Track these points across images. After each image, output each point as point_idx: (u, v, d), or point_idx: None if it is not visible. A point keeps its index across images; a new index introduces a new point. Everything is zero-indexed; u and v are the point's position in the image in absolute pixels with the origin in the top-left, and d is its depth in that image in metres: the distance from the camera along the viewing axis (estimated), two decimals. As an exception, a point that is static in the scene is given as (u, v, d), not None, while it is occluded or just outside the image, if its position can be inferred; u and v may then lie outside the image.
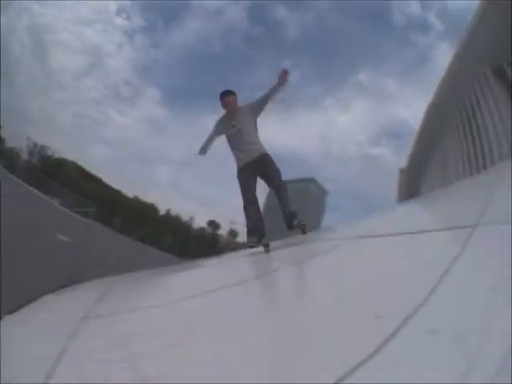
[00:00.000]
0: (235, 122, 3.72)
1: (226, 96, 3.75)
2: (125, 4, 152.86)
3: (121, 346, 1.24)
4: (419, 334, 0.84)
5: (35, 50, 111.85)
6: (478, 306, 0.89)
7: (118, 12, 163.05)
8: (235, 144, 3.78)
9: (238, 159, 3.80)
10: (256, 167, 3.69)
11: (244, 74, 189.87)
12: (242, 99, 3.83)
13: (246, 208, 3.68)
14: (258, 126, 3.84)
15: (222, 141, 3.91)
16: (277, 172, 3.77)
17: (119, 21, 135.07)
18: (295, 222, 3.54)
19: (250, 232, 3.68)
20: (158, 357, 1.08)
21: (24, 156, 56.35)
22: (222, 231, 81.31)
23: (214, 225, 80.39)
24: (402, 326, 0.86)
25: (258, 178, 3.80)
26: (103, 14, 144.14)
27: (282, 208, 3.61)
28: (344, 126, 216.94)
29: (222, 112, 3.88)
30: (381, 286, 1.33)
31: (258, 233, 3.63)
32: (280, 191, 3.69)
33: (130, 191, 78.36)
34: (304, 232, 3.71)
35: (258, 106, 3.80)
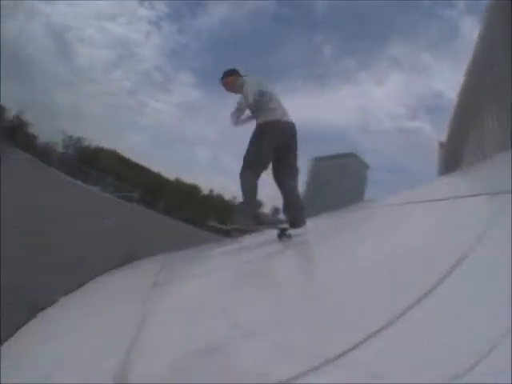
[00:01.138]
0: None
1: (221, 82, 3.34)
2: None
3: (198, 306, 1.37)
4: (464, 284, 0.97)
5: (60, 49, 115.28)
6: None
7: (141, 2, 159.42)
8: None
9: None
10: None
11: (275, 52, 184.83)
12: (275, 78, 3.36)
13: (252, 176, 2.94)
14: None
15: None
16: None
17: (143, 11, 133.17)
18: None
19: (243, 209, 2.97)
20: (232, 311, 1.23)
21: (59, 149, 60.86)
22: (265, 209, 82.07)
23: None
24: (443, 278, 0.98)
25: None
26: (125, 7, 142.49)
27: (295, 197, 2.98)
28: (381, 100, 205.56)
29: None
30: (421, 245, 1.48)
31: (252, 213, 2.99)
32: (297, 174, 3.11)
33: (171, 174, 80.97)
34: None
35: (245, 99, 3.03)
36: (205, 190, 79.31)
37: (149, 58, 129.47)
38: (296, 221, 2.78)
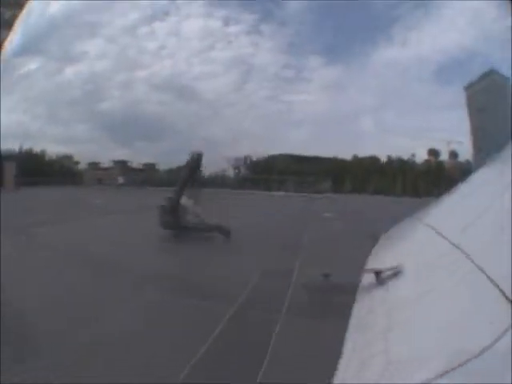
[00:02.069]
0: None
1: None
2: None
3: None
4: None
5: (180, 95, 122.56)
6: None
7: (225, 21, 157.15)
8: None
9: None
10: None
11: None
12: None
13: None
14: None
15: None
16: None
17: (232, 28, 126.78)
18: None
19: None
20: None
21: (230, 173, 64.50)
22: (444, 156, 73.39)
23: (434, 153, 73.86)
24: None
25: None
26: (214, 33, 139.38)
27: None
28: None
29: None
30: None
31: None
32: None
33: (345, 154, 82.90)
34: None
35: None
36: (383, 158, 77.50)
37: (270, 62, 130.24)
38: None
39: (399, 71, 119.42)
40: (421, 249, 1.46)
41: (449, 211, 1.90)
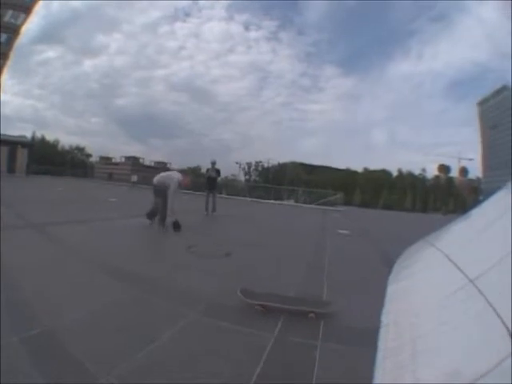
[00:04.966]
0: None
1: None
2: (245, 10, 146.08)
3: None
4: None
5: (198, 98, 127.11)
6: None
7: (246, 26, 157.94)
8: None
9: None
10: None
11: None
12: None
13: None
14: None
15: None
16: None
17: (253, 33, 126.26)
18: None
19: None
20: None
21: (242, 178, 59.67)
22: (454, 173, 73.29)
23: (444, 169, 73.69)
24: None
25: None
26: (236, 38, 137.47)
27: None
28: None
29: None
30: None
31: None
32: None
33: (357, 166, 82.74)
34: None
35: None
36: (394, 172, 77.43)
37: (288, 69, 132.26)
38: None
39: (413, 85, 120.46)
40: (435, 278, 1.52)
41: (461, 237, 1.96)
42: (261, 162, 70.09)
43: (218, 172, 11.97)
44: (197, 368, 2.01)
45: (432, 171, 77.08)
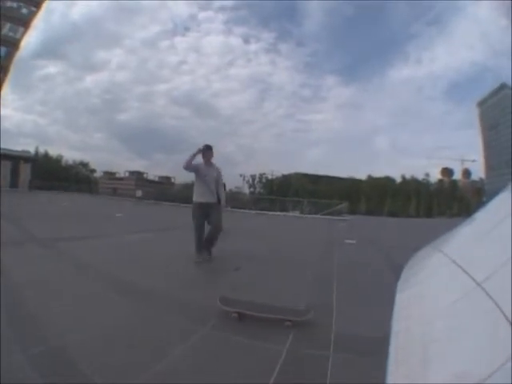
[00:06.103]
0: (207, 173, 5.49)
1: (210, 151, 5.57)
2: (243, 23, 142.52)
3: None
4: None
5: (199, 111, 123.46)
6: None
7: (245, 39, 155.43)
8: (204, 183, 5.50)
9: (198, 193, 5.47)
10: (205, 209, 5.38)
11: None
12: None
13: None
14: None
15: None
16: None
17: (252, 46, 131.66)
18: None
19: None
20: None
21: (246, 191, 59.88)
22: (457, 175, 72.94)
23: (447, 172, 73.27)
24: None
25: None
26: (235, 51, 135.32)
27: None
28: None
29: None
30: None
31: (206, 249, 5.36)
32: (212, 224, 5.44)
33: (361, 174, 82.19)
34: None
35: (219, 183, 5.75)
36: (397, 178, 76.99)
37: (288, 80, 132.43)
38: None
39: (413, 90, 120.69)
40: (443, 283, 1.51)
41: (467, 241, 1.95)
42: (265, 173, 69.94)
43: (223, 186, 11.98)
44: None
45: (435, 175, 76.47)
